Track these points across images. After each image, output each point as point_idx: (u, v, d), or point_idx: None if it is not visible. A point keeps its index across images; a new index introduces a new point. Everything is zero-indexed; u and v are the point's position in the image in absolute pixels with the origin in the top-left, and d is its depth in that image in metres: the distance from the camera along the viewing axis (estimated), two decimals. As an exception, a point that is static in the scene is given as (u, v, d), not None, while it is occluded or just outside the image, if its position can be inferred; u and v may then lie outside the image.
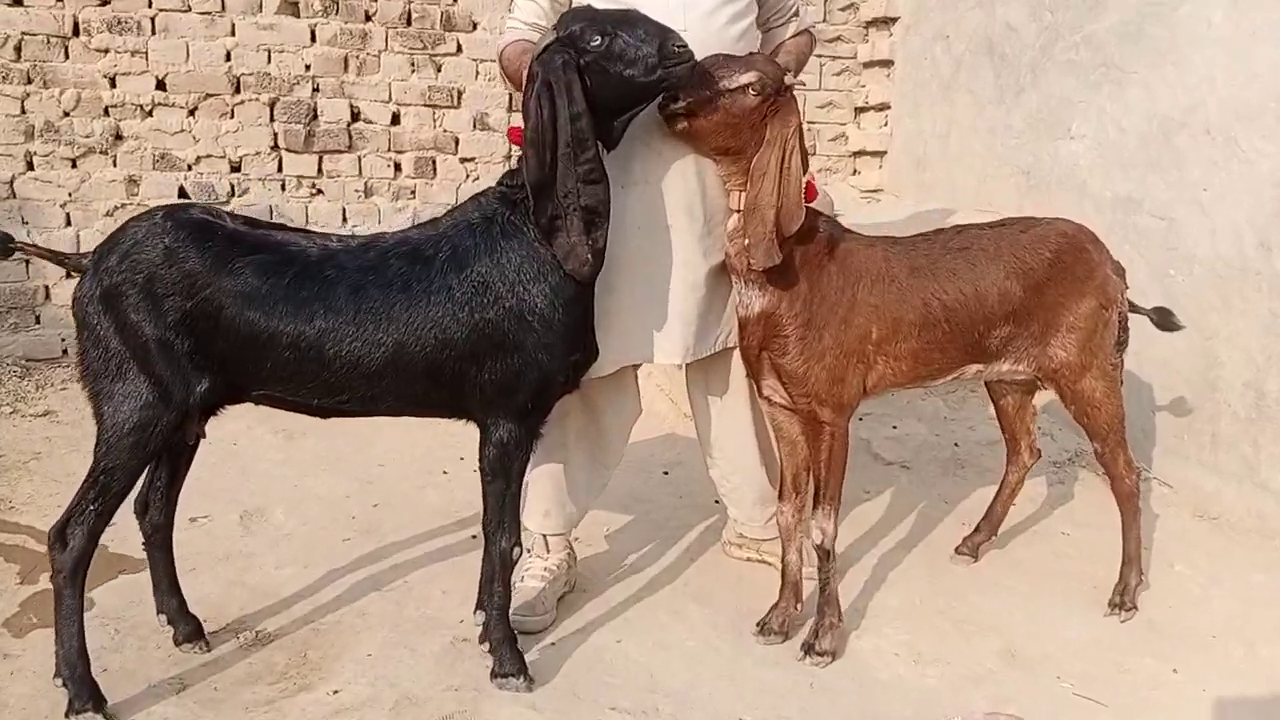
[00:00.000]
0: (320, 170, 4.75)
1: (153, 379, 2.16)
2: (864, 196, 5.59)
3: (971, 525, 3.22)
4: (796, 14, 2.75)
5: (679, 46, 2.22)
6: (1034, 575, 3.06)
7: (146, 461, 2.24)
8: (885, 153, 5.60)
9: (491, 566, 2.41)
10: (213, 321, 2.16)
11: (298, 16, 4.62)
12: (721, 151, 2.46)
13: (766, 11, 2.71)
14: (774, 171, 2.39)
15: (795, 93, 2.46)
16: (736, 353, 2.69)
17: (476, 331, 2.24)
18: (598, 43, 2.21)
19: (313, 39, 4.66)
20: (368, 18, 4.72)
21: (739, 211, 2.46)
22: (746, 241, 2.41)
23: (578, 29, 2.23)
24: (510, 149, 4.88)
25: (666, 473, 3.81)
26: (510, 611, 2.50)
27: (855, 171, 5.73)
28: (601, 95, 2.25)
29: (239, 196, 4.64)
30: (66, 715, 2.20)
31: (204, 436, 2.43)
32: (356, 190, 4.80)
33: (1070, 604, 2.89)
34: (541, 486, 2.80)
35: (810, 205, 2.50)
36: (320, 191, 4.77)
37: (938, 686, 2.49)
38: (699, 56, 2.36)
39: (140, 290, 2.14)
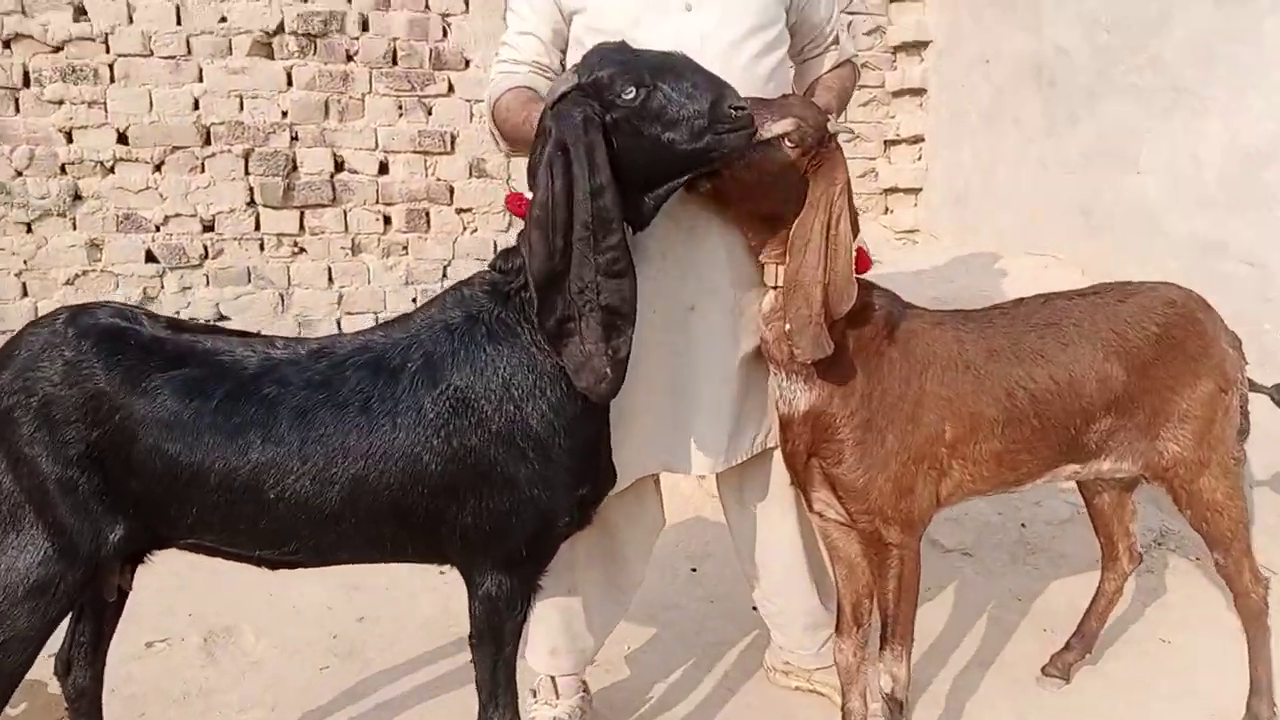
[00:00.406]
0: (302, 227, 4.32)
1: (53, 527, 1.73)
2: (898, 238, 5.15)
3: (1053, 630, 2.77)
4: (836, 42, 2.30)
5: (737, 108, 1.76)
6: (1139, 697, 2.58)
7: (50, 630, 1.79)
8: (920, 189, 5.17)
9: (483, 741, 1.94)
10: (124, 455, 1.73)
11: (272, 58, 4.21)
12: (754, 217, 2.03)
13: (801, 40, 2.28)
14: (818, 240, 1.94)
15: (841, 141, 2.01)
16: (778, 451, 2.23)
17: (456, 462, 1.79)
18: (631, 95, 1.74)
19: (289, 83, 4.24)
20: (349, 57, 4.30)
21: (776, 289, 2.01)
22: (787, 327, 1.95)
23: (606, 75, 1.75)
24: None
25: (695, 569, 3.34)
26: None
27: (887, 210, 5.28)
28: (632, 163, 1.77)
29: (213, 259, 4.21)
30: None
31: (129, 590, 1.98)
32: (343, 247, 4.38)
33: (1189, 738, 2.41)
34: (547, 619, 2.33)
35: (862, 277, 2.05)
36: (303, 250, 4.35)
37: None
38: None
39: (36, 416, 1.71)
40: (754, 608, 2.66)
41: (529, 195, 1.82)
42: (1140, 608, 3.04)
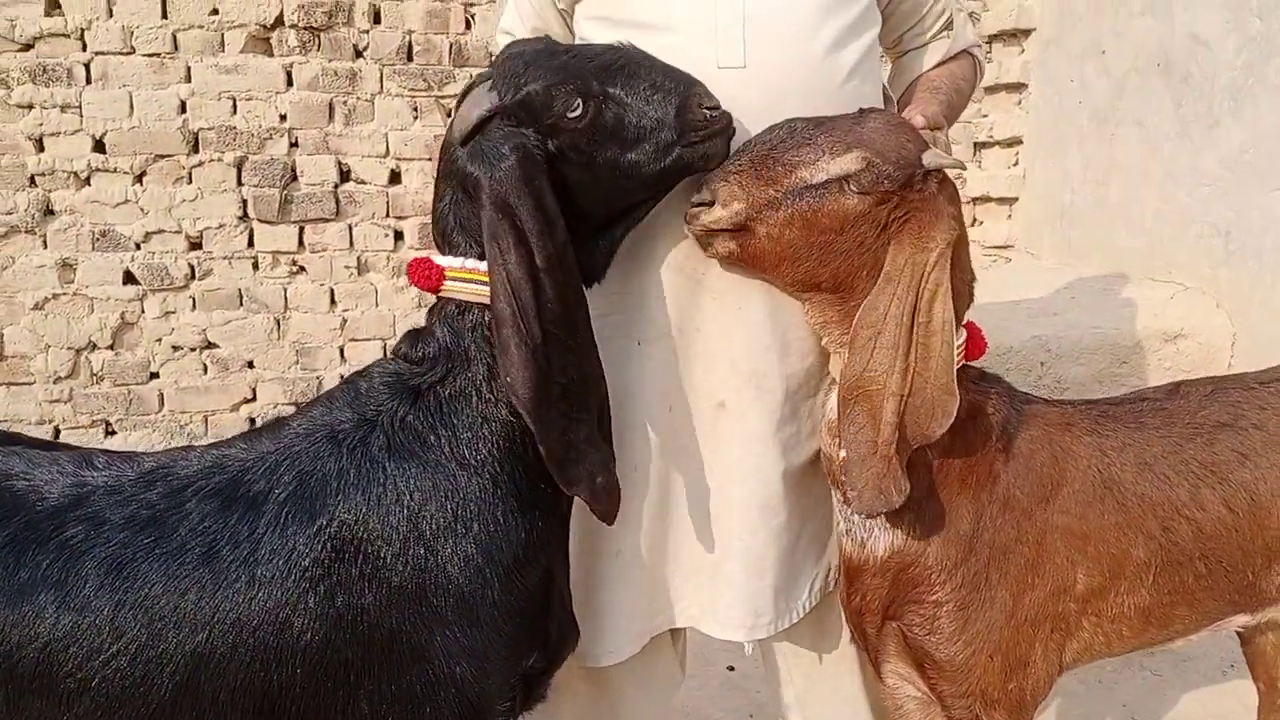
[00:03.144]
0: (301, 244, 3.84)
1: None
2: (988, 254, 4.54)
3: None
4: (949, 26, 1.68)
5: (708, 107, 1.36)
6: None
7: None
8: (1016, 200, 4.55)
9: None
10: None
11: (270, 55, 3.72)
12: (809, 288, 1.44)
13: (899, 24, 1.67)
14: (895, 329, 1.34)
15: (952, 176, 1.40)
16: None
17: (343, 630, 1.25)
18: (577, 112, 1.30)
19: (289, 82, 3.75)
20: (358, 53, 3.80)
21: (840, 398, 1.41)
22: (843, 454, 1.34)
23: (539, 89, 1.31)
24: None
25: (732, 668, 2.79)
26: None
27: (976, 221, 4.65)
28: (586, 201, 1.34)
29: (200, 279, 3.75)
30: None
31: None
32: (347, 266, 3.88)
33: None
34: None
35: (972, 366, 1.44)
36: (302, 269, 3.86)
37: None
38: (778, 115, 1.40)
39: None
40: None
41: (440, 261, 1.33)
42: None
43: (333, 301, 3.88)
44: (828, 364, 1.50)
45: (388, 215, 3.90)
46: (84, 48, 3.59)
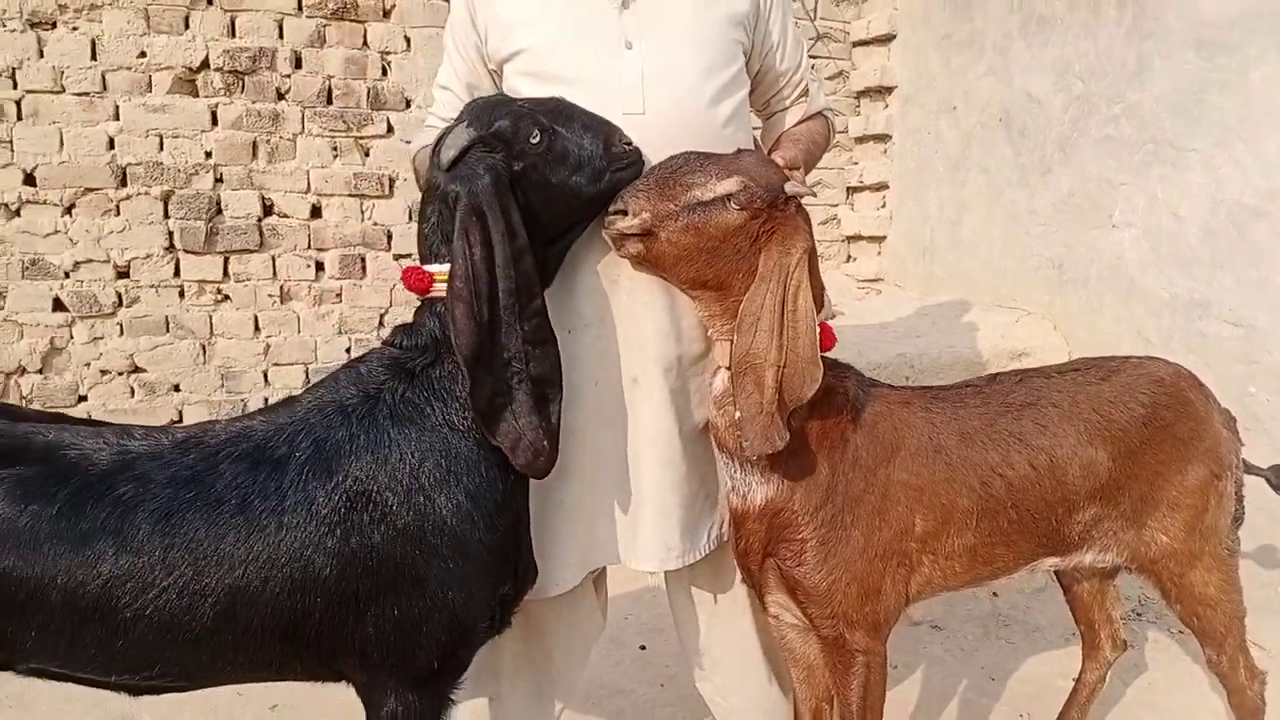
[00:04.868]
0: (226, 273, 4.03)
1: None
2: (861, 286, 4.96)
3: (1030, 714, 2.57)
4: (805, 93, 2.08)
5: (626, 143, 1.72)
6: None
7: None
8: (884, 238, 4.96)
9: None
10: (-55, 569, 1.43)
11: (195, 96, 3.93)
12: (697, 285, 1.78)
13: (765, 91, 2.06)
14: (771, 317, 1.70)
15: (804, 203, 1.78)
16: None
17: (355, 565, 1.54)
18: (537, 140, 1.63)
19: (214, 122, 3.96)
20: (280, 96, 4.03)
21: (728, 369, 1.77)
22: (736, 414, 1.71)
23: (507, 124, 1.63)
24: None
25: (644, 647, 3.10)
26: None
27: (850, 258, 5.10)
28: (540, 215, 1.66)
29: (128, 306, 3.91)
30: None
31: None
32: (270, 295, 4.08)
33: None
34: (467, 731, 2.05)
35: (826, 354, 1.81)
36: (227, 298, 4.05)
37: None
38: (670, 150, 1.74)
39: None
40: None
41: (428, 269, 1.65)
42: (1121, 687, 2.83)
43: (257, 328, 4.07)
44: (711, 350, 1.86)
45: (309, 247, 4.12)
46: (15, 85, 3.73)
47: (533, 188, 1.64)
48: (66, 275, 3.84)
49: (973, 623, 3.20)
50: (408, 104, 4.20)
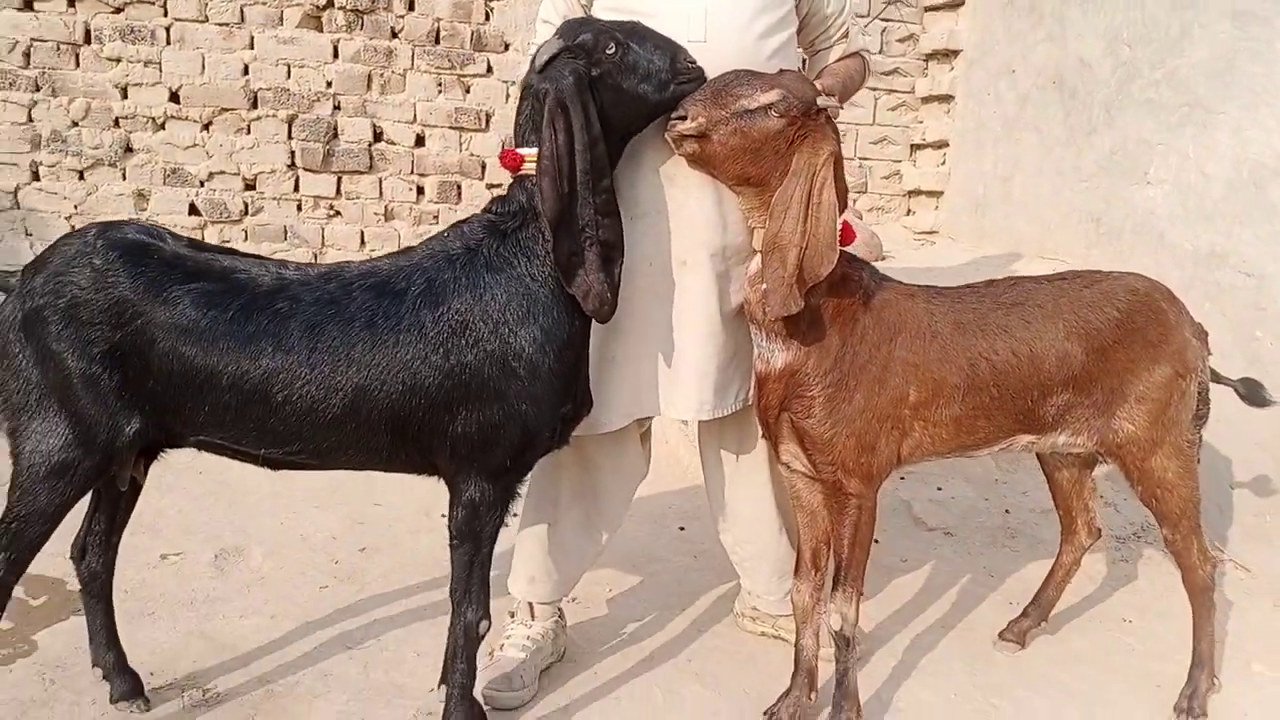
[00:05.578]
0: (339, 191, 4.53)
1: (75, 417, 1.89)
2: (917, 238, 5.26)
3: (1020, 604, 2.86)
4: (846, 35, 2.44)
5: (690, 62, 2.04)
6: (1090, 669, 2.68)
7: (66, 509, 1.96)
8: (942, 193, 5.26)
9: (455, 641, 2.11)
10: (143, 356, 1.89)
11: (320, 31, 4.42)
12: (741, 181, 2.15)
13: (811, 31, 2.42)
14: (798, 206, 2.07)
15: (833, 117, 2.15)
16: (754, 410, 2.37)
17: (452, 377, 1.95)
18: (612, 51, 1.99)
19: (335, 55, 4.45)
20: (394, 34, 4.50)
21: (760, 252, 2.15)
22: (763, 285, 2.09)
23: (589, 38, 2.00)
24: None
25: (683, 528, 3.50)
26: (485, 685, 2.25)
27: (909, 212, 5.40)
28: (612, 115, 2.03)
29: (252, 215, 4.43)
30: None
31: (142, 482, 2.16)
32: (376, 213, 4.57)
33: (1130, 707, 2.51)
34: (528, 549, 2.49)
35: (846, 249, 2.18)
36: (338, 213, 4.55)
37: (971, 804, 2.13)
38: (722, 73, 2.10)
39: (64, 316, 1.88)
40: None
41: (520, 151, 2.03)
42: (1109, 590, 3.13)
43: (362, 242, 4.57)
44: (751, 240, 2.24)
45: (412, 172, 4.60)
46: (166, 14, 4.27)
47: (607, 90, 1.98)
48: (201, 184, 4.37)
49: (983, 533, 3.51)
50: (506, 47, 4.63)
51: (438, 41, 4.57)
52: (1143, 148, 3.87)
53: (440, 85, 4.59)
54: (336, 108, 4.48)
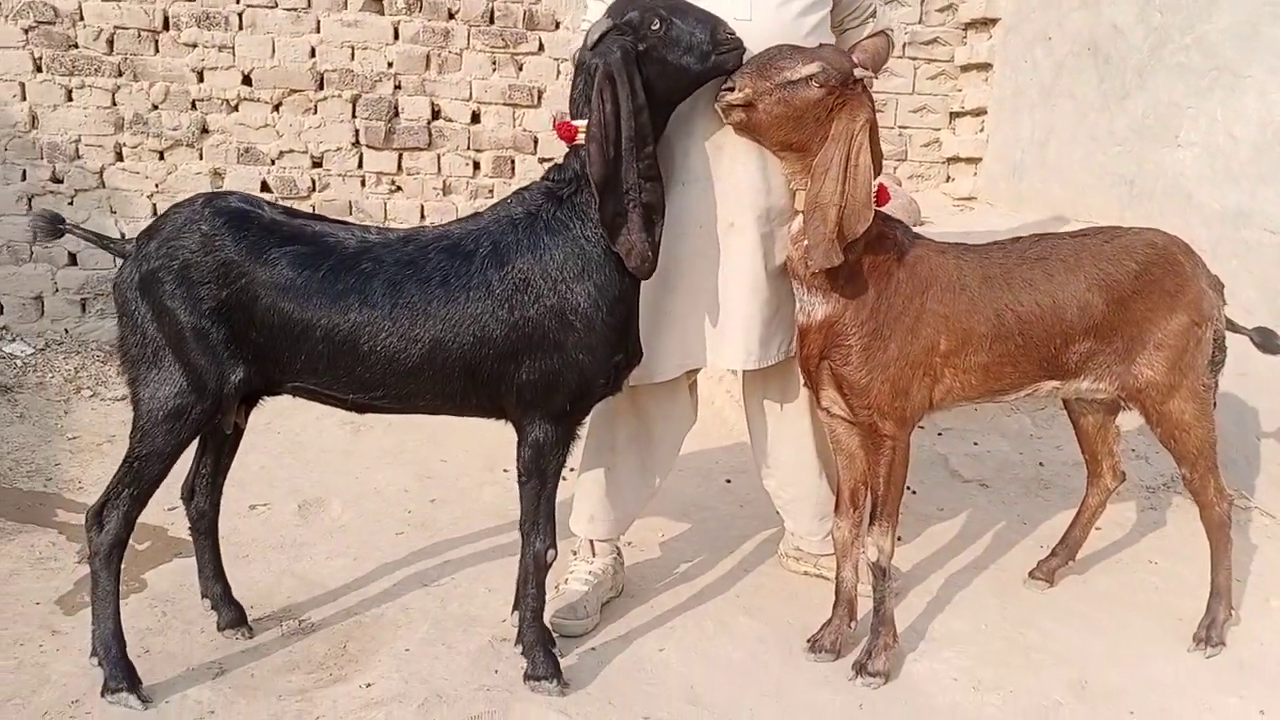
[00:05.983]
0: (400, 167, 4.76)
1: (187, 367, 2.14)
2: (956, 204, 5.38)
3: (1050, 548, 3.02)
4: (874, 14, 2.61)
5: (729, 33, 2.19)
6: (1114, 605, 2.85)
7: (181, 449, 2.21)
8: (980, 160, 5.37)
9: (525, 569, 2.34)
10: (247, 311, 2.13)
11: (382, 14, 4.64)
12: (784, 147, 2.33)
13: (842, 10, 2.59)
14: (837, 169, 2.25)
15: (868, 87, 2.33)
16: (795, 362, 2.56)
17: (516, 330, 2.17)
18: (657, 27, 2.16)
19: (396, 36, 4.67)
20: (450, 15, 4.71)
21: (802, 212, 2.34)
22: (805, 242, 2.28)
23: (636, 15, 2.18)
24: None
25: (729, 481, 3.71)
26: (552, 614, 2.47)
27: (948, 179, 5.52)
28: (657, 86, 2.20)
29: (319, 191, 4.68)
30: (102, 694, 2.20)
31: (244, 427, 2.41)
32: (435, 188, 4.80)
33: (1152, 637, 2.68)
34: (587, 490, 2.72)
35: (881, 210, 2.36)
36: (399, 188, 4.78)
37: (997, 716, 2.33)
38: (765, 48, 2.27)
39: (177, 277, 2.12)
40: (778, 511, 3.00)
41: (574, 122, 2.21)
42: (1137, 536, 3.30)
43: (422, 215, 4.80)
44: (793, 203, 2.42)
45: (468, 148, 4.82)
46: (238, 1, 4.51)
47: (652, 63, 2.16)
48: (272, 162, 4.62)
49: (1017, 484, 3.68)
50: (557, 25, 4.83)
51: (492, 21, 4.76)
52: (1173, 111, 3.97)
53: (494, 64, 4.79)
54: (397, 87, 4.70)
